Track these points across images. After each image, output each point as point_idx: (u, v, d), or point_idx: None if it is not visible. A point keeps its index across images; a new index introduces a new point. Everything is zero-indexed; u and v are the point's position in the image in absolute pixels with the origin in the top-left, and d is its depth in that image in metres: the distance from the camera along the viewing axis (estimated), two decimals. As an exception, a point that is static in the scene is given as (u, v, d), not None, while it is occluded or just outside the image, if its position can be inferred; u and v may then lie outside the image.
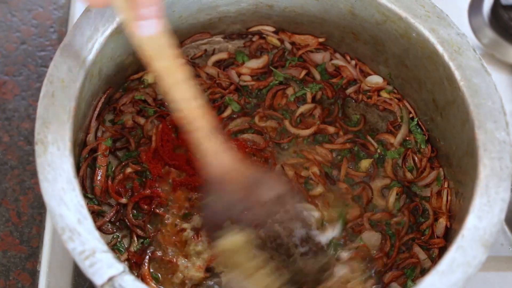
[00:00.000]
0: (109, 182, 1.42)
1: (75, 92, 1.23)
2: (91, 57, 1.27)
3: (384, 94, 1.55)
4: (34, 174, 1.58)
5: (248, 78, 1.57)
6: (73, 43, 1.27)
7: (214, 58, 1.58)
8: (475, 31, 1.80)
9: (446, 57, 1.32)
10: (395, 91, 1.54)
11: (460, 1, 1.84)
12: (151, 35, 1.12)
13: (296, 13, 1.50)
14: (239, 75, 1.57)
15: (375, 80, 1.55)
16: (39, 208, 1.56)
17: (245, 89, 1.57)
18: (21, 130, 1.64)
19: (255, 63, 1.58)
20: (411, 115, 1.53)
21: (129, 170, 1.44)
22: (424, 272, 1.39)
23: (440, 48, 1.33)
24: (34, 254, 1.52)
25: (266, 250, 1.27)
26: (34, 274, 1.50)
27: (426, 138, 1.50)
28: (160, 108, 1.51)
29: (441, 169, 1.47)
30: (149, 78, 1.52)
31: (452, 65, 1.31)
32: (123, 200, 1.41)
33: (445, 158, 1.45)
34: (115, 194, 1.41)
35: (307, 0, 1.46)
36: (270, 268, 1.26)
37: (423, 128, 1.51)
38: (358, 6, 1.41)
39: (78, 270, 1.42)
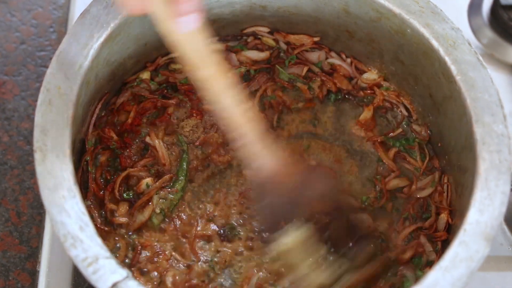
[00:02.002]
0: (93, 183, 1.41)
1: (73, 98, 1.23)
2: (87, 63, 1.27)
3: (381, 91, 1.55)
4: (33, 174, 1.57)
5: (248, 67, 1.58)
6: (68, 50, 1.27)
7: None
8: (474, 31, 1.80)
9: (441, 51, 1.32)
10: (392, 87, 1.54)
11: (459, 1, 1.85)
12: (193, 31, 1.11)
13: (290, 13, 1.50)
14: (239, 62, 1.58)
15: (372, 77, 1.55)
16: (38, 208, 1.56)
17: (246, 76, 1.57)
18: (20, 130, 1.64)
19: (255, 54, 1.57)
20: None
21: (102, 158, 1.43)
22: (430, 264, 1.39)
23: (435, 43, 1.33)
24: (34, 254, 1.52)
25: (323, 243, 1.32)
26: (33, 274, 1.50)
27: (427, 137, 1.51)
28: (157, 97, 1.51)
29: (437, 173, 1.48)
30: (143, 75, 1.52)
31: (447, 59, 1.31)
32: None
33: (444, 153, 1.45)
34: (98, 191, 1.41)
35: (301, 0, 1.46)
36: (328, 262, 1.30)
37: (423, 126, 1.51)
38: (352, 4, 1.41)
39: (77, 270, 1.41)
